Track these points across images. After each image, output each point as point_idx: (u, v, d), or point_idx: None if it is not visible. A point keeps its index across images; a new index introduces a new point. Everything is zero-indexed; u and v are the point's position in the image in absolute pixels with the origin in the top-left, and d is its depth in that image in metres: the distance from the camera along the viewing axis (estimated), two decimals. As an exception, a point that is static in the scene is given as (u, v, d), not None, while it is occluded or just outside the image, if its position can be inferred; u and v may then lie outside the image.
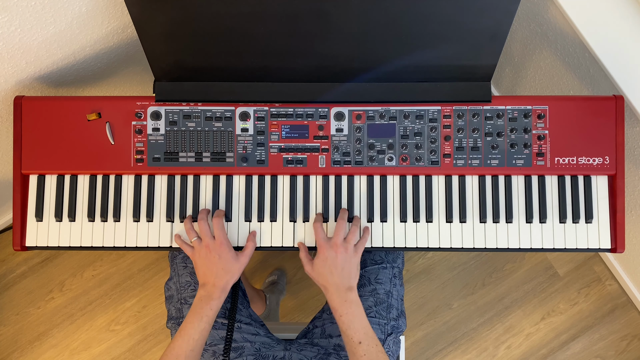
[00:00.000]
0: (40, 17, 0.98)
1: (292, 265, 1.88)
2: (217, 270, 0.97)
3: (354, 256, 0.97)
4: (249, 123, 1.05)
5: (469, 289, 1.85)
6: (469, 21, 0.93)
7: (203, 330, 0.94)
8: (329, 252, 0.96)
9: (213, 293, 0.96)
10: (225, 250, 0.98)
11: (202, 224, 1.00)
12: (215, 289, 0.96)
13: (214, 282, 0.96)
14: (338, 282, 0.95)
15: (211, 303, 0.95)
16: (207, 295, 0.96)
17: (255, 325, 1.14)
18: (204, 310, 0.94)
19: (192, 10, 0.92)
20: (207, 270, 0.97)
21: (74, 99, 1.06)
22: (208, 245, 0.98)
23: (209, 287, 0.96)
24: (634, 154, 1.29)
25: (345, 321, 0.93)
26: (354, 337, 0.92)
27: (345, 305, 0.94)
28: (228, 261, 0.97)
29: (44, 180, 1.06)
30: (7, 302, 1.85)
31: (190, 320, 0.94)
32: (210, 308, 0.95)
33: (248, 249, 1.02)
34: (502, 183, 1.05)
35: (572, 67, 1.32)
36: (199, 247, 0.99)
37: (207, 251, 0.98)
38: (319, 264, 0.96)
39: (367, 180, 1.06)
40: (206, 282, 0.97)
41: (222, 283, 0.97)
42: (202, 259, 0.98)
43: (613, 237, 1.04)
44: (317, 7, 0.91)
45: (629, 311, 1.82)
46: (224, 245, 0.98)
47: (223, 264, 0.97)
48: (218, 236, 0.99)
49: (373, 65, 1.01)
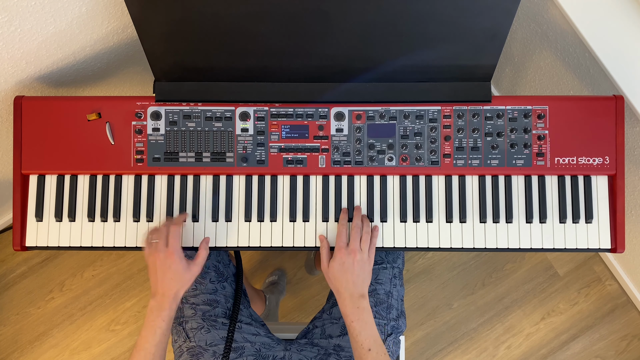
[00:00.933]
0: (40, 17, 0.98)
1: (292, 265, 1.88)
2: (167, 280, 0.94)
3: (368, 262, 0.98)
4: (249, 123, 1.05)
5: (469, 289, 1.85)
6: (469, 21, 0.93)
7: (159, 343, 0.93)
8: (347, 257, 0.96)
9: (163, 303, 0.94)
10: (176, 260, 0.95)
11: (161, 228, 0.98)
12: (165, 299, 0.94)
13: (163, 292, 0.94)
14: (352, 289, 0.95)
15: (162, 314, 0.93)
16: (158, 307, 0.94)
17: (255, 326, 1.14)
18: (156, 323, 0.93)
19: (192, 10, 0.92)
20: (157, 279, 0.95)
21: (74, 99, 1.06)
22: (159, 252, 0.95)
23: (158, 297, 0.94)
24: (634, 154, 1.29)
25: (357, 327, 0.93)
26: (364, 344, 0.93)
27: (357, 312, 0.94)
28: (178, 272, 0.95)
29: (44, 180, 1.06)
30: (7, 302, 1.85)
31: (144, 335, 0.93)
32: (162, 319, 0.93)
33: (199, 257, 0.99)
34: (502, 183, 1.05)
35: (572, 67, 1.32)
36: (150, 251, 0.97)
37: (156, 258, 0.95)
38: (336, 267, 0.96)
39: (367, 180, 1.06)
40: (156, 291, 0.95)
41: (172, 293, 0.94)
42: (152, 264, 0.96)
43: (613, 237, 1.04)
44: (317, 7, 0.91)
45: (629, 311, 1.82)
46: (175, 255, 0.95)
47: (172, 274, 0.95)
48: (171, 245, 0.96)
49: (373, 65, 1.01)
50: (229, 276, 1.18)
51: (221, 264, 1.18)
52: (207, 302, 1.10)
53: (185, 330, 1.07)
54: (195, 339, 1.06)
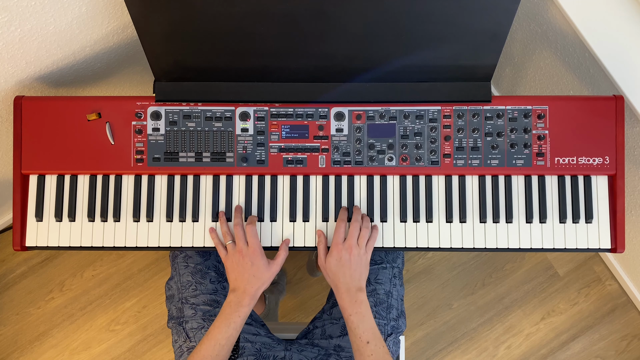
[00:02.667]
0: (40, 17, 0.98)
1: (292, 265, 1.88)
2: (249, 276, 0.97)
3: (365, 257, 0.99)
4: (249, 123, 1.05)
5: (469, 289, 1.85)
6: (469, 21, 0.93)
7: (230, 337, 0.94)
8: (343, 252, 0.97)
9: (243, 300, 0.96)
10: (258, 257, 0.98)
11: (237, 228, 1.00)
12: (246, 296, 0.96)
13: (244, 288, 0.96)
14: (349, 283, 0.96)
15: (240, 310, 0.95)
16: (237, 302, 0.96)
17: (256, 326, 1.14)
18: (232, 317, 0.95)
19: (192, 10, 0.92)
20: (238, 276, 0.97)
21: (74, 99, 1.06)
22: (241, 250, 0.98)
23: (239, 293, 0.96)
24: (634, 154, 1.29)
25: (355, 320, 0.94)
26: (362, 336, 0.93)
27: (355, 306, 0.95)
28: (259, 268, 0.98)
29: (44, 180, 1.06)
30: (7, 302, 1.85)
31: (218, 325, 0.95)
32: (239, 315, 0.95)
33: (280, 257, 1.02)
34: (502, 183, 1.05)
35: (572, 67, 1.32)
36: (233, 252, 0.99)
37: (240, 256, 0.98)
38: (332, 262, 0.97)
39: (367, 180, 1.06)
40: (237, 287, 0.97)
41: (253, 290, 0.97)
42: (235, 264, 0.98)
43: (613, 237, 1.04)
44: (317, 7, 0.91)
45: (629, 311, 1.82)
46: (257, 252, 0.98)
47: (255, 270, 0.97)
48: (252, 243, 0.99)
49: (373, 65, 1.01)
50: None
51: (221, 264, 1.18)
52: (208, 302, 1.10)
53: (185, 330, 1.07)
54: (195, 339, 1.06)
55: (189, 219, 1.05)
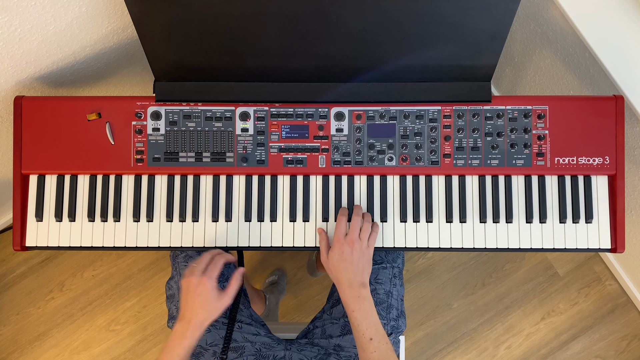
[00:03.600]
0: (40, 17, 0.98)
1: (292, 265, 1.88)
2: (196, 307, 0.94)
3: (367, 250, 0.98)
4: (249, 123, 1.05)
5: (469, 289, 1.85)
6: (469, 21, 0.93)
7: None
8: (345, 247, 0.97)
9: (186, 331, 0.93)
10: (208, 288, 0.94)
11: (205, 256, 0.98)
12: (190, 326, 0.93)
13: (190, 318, 0.94)
14: (352, 278, 0.95)
15: (183, 342, 0.93)
16: (181, 333, 0.93)
17: (255, 326, 1.14)
18: (175, 349, 0.92)
19: (192, 10, 0.92)
20: (186, 304, 0.95)
21: (74, 99, 1.06)
22: (194, 277, 0.95)
23: (184, 322, 0.94)
24: (634, 154, 1.29)
25: (358, 317, 0.94)
26: (365, 332, 0.93)
27: (358, 301, 0.94)
28: (208, 300, 0.95)
29: (44, 180, 1.06)
30: (7, 302, 1.85)
31: (162, 358, 0.93)
32: (183, 347, 0.93)
33: (231, 288, 0.98)
34: (502, 183, 1.05)
35: (572, 67, 1.32)
36: (187, 275, 0.97)
37: (189, 282, 0.95)
38: (335, 257, 0.97)
39: (367, 180, 1.06)
40: (183, 316, 0.95)
41: (199, 322, 0.94)
42: (186, 289, 0.96)
43: (613, 237, 1.04)
44: (317, 7, 0.91)
45: (629, 311, 1.82)
46: (208, 282, 0.95)
47: (202, 302, 0.94)
48: (208, 271, 0.96)
49: (373, 65, 1.01)
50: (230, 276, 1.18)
51: (221, 264, 1.18)
52: (207, 302, 1.10)
53: (185, 330, 1.07)
54: (195, 339, 1.05)
55: (189, 219, 1.05)
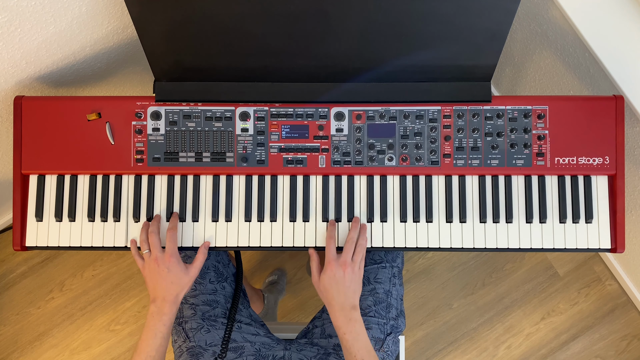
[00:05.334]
0: (40, 17, 0.98)
1: (292, 265, 1.88)
2: (167, 284, 0.95)
3: (359, 273, 0.98)
4: (249, 123, 1.05)
5: (469, 289, 1.85)
6: (469, 21, 0.93)
7: (159, 347, 0.93)
8: (337, 270, 0.96)
9: (163, 308, 0.94)
10: (175, 263, 0.96)
11: (152, 236, 0.98)
12: (165, 303, 0.94)
13: (163, 296, 0.95)
14: (343, 301, 0.95)
15: (163, 318, 0.94)
16: (158, 311, 0.94)
17: (255, 326, 1.14)
18: (157, 327, 0.93)
19: (192, 10, 0.92)
20: (156, 285, 0.95)
21: (74, 99, 1.06)
22: (157, 258, 0.96)
23: (158, 302, 0.95)
24: (634, 154, 1.29)
25: (349, 339, 0.94)
26: (357, 355, 0.93)
27: (349, 325, 0.94)
28: (177, 274, 0.96)
29: (44, 180, 1.06)
30: (7, 302, 1.85)
31: (145, 338, 0.93)
32: (163, 324, 0.94)
33: (197, 260, 0.99)
34: (502, 183, 1.05)
35: (572, 67, 1.32)
36: (149, 260, 0.97)
37: (155, 265, 0.96)
38: (326, 280, 0.96)
39: (367, 180, 1.06)
40: (156, 296, 0.95)
41: (172, 297, 0.95)
42: (151, 272, 0.96)
43: (613, 237, 1.04)
44: (317, 7, 0.91)
45: (629, 311, 1.82)
46: (173, 258, 0.96)
47: (172, 277, 0.95)
48: (168, 249, 0.97)
49: (373, 65, 1.01)
50: (229, 276, 1.18)
51: (221, 264, 1.18)
52: (207, 303, 1.10)
53: (185, 330, 1.07)
54: (195, 339, 1.06)
55: (189, 219, 1.05)
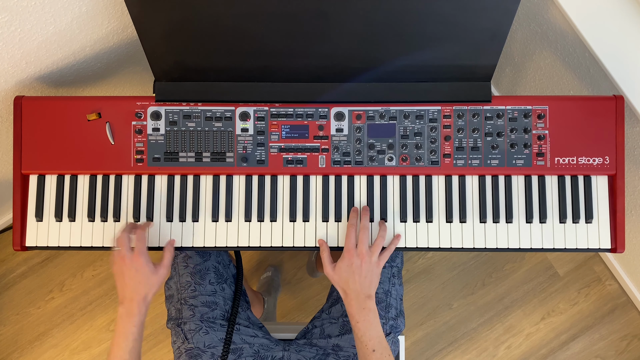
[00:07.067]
0: (40, 17, 0.98)
1: (292, 265, 1.88)
2: (134, 284, 0.94)
3: (377, 266, 0.97)
4: (249, 123, 1.05)
5: (469, 289, 1.85)
6: (469, 21, 0.93)
7: (132, 349, 0.92)
8: (355, 259, 0.95)
9: (132, 309, 0.93)
10: (143, 263, 0.94)
11: (122, 235, 0.96)
12: (134, 304, 0.93)
13: (131, 296, 0.93)
14: (359, 290, 0.95)
15: (133, 320, 0.92)
16: (127, 312, 0.93)
17: (253, 328, 1.14)
18: (127, 329, 0.92)
19: (192, 10, 0.92)
20: (124, 285, 0.94)
21: (74, 99, 1.06)
22: (124, 257, 0.94)
23: (126, 303, 0.93)
24: (634, 154, 1.29)
25: (362, 328, 0.93)
26: (368, 344, 0.93)
27: (363, 313, 0.94)
28: (145, 274, 0.94)
29: (44, 180, 1.06)
30: (7, 302, 1.85)
31: (117, 342, 0.92)
32: (133, 325, 0.92)
33: (165, 259, 0.98)
34: (502, 183, 1.05)
35: (572, 67, 1.32)
36: (117, 259, 0.96)
37: (122, 264, 0.94)
38: (343, 268, 0.96)
39: (367, 180, 1.06)
40: (124, 297, 0.94)
41: (140, 297, 0.94)
42: (119, 272, 0.95)
43: (613, 237, 1.04)
44: (317, 7, 0.91)
45: (629, 311, 1.82)
46: (142, 257, 0.94)
47: (140, 277, 0.94)
48: (137, 248, 0.95)
49: (373, 65, 1.01)
50: (229, 278, 1.18)
51: (221, 265, 1.18)
52: (206, 304, 1.10)
53: (183, 331, 1.07)
54: (193, 340, 1.05)
55: (189, 219, 1.05)
